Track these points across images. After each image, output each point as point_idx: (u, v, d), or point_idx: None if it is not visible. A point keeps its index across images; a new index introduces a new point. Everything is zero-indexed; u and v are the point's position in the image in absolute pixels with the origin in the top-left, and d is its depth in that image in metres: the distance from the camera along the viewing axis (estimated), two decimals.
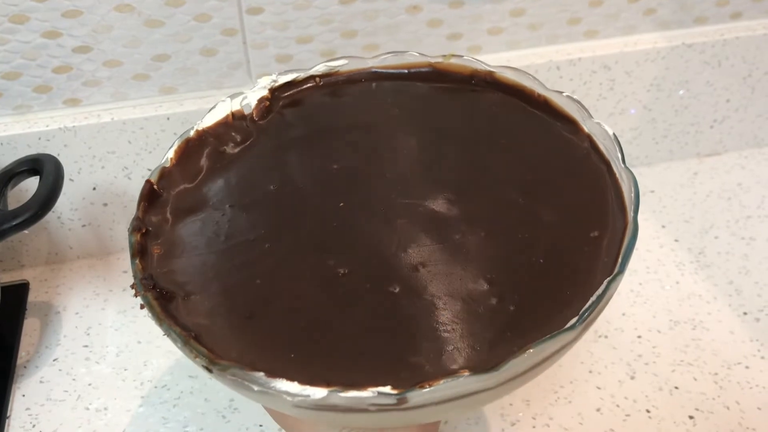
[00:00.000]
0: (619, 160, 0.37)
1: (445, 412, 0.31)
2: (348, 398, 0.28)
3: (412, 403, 0.28)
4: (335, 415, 0.29)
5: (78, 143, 0.54)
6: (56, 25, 0.51)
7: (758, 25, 0.64)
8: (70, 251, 0.59)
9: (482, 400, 0.31)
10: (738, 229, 0.61)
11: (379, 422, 0.31)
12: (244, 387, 0.29)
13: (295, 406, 0.29)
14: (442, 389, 0.28)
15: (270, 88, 0.44)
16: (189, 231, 0.37)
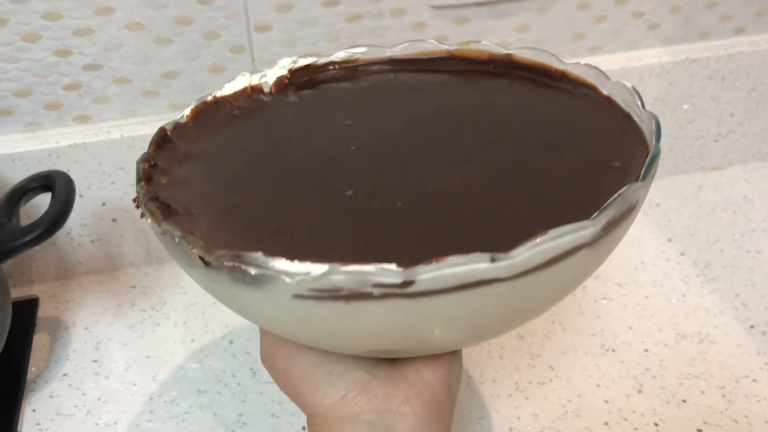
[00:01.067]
0: (639, 107, 0.37)
1: (455, 316, 0.29)
2: (350, 274, 0.26)
3: (419, 286, 0.26)
4: (336, 308, 0.28)
5: (88, 159, 0.55)
6: (67, 43, 0.52)
7: (762, 40, 0.64)
8: (79, 266, 0.60)
9: (494, 302, 0.28)
10: (743, 243, 0.62)
11: (385, 322, 0.28)
12: (242, 279, 0.28)
13: (294, 296, 0.27)
14: (451, 267, 0.26)
15: (289, 68, 0.44)
16: (196, 170, 0.37)
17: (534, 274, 0.28)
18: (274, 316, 0.30)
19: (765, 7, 0.63)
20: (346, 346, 0.32)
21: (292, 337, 0.33)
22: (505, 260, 0.26)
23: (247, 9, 0.53)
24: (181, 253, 0.30)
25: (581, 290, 0.57)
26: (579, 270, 0.30)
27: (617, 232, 0.30)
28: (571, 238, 0.27)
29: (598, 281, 0.58)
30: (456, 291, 0.27)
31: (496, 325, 0.32)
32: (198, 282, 0.32)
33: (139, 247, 0.60)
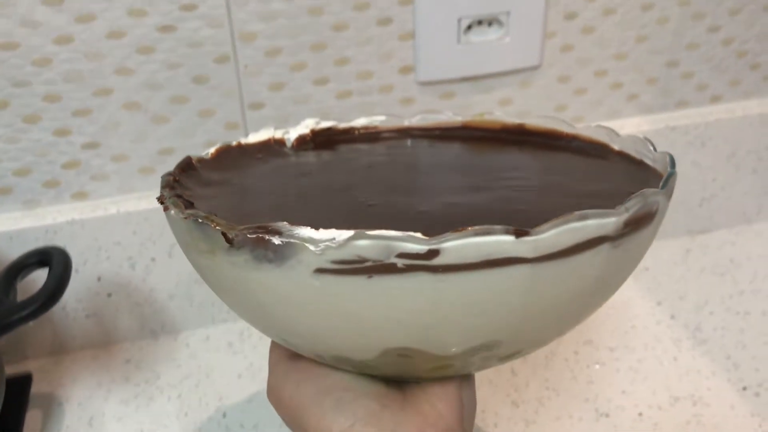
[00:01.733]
0: (651, 152, 0.38)
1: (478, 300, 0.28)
2: (376, 239, 0.26)
3: (444, 258, 0.26)
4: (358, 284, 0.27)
5: (84, 235, 0.56)
6: (67, 123, 0.53)
7: (737, 107, 0.67)
8: (73, 342, 0.60)
9: (516, 288, 0.28)
10: (732, 305, 0.62)
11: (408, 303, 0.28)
12: (263, 254, 0.28)
13: (316, 271, 0.27)
14: (477, 237, 0.26)
15: (312, 128, 0.47)
16: (219, 190, 0.38)
17: (557, 262, 0.28)
18: (292, 299, 0.29)
19: (738, 76, 0.66)
20: (363, 337, 0.30)
21: (309, 333, 0.32)
22: (531, 236, 0.27)
23: (241, 88, 0.55)
24: (203, 236, 0.30)
25: (573, 355, 0.57)
26: (601, 269, 0.30)
27: (636, 239, 0.30)
28: (594, 224, 0.28)
29: (590, 346, 0.58)
30: (480, 269, 0.27)
31: (515, 322, 0.30)
32: (216, 275, 0.32)
33: (133, 321, 0.60)
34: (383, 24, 0.56)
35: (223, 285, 0.32)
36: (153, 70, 0.53)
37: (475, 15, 0.57)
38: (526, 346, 0.34)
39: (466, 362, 0.33)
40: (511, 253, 0.27)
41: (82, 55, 0.51)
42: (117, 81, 0.53)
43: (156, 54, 0.53)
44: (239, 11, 0.52)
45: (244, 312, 0.34)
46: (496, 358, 0.33)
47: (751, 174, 0.69)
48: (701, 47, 0.64)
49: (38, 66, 0.51)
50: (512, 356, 0.34)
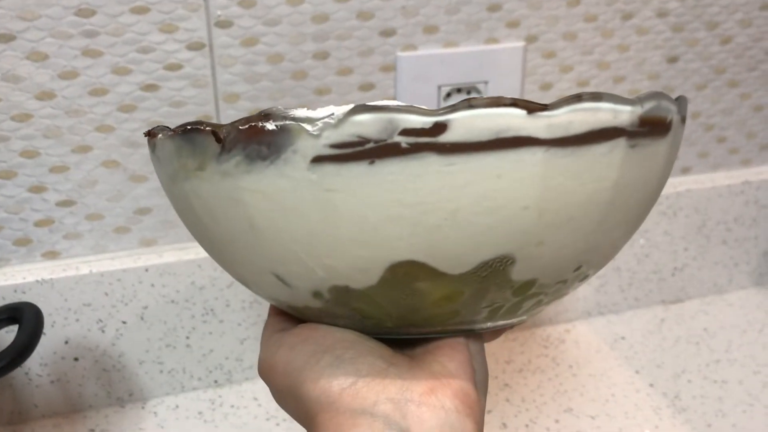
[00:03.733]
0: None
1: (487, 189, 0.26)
2: (377, 112, 0.24)
3: (451, 134, 0.24)
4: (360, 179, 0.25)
5: (54, 295, 0.54)
6: (42, 180, 0.52)
7: (706, 178, 0.69)
8: (35, 410, 0.57)
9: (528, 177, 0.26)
10: (709, 373, 0.62)
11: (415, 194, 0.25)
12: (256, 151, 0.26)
13: (313, 160, 0.25)
14: (488, 109, 0.24)
15: None
16: None
17: (571, 149, 0.26)
18: (287, 205, 0.27)
19: (706, 149, 0.68)
20: (365, 248, 0.27)
21: (303, 246, 0.28)
22: (544, 111, 0.25)
23: None
24: (192, 149, 0.28)
25: (554, 424, 0.56)
26: (617, 170, 0.28)
27: (651, 147, 0.29)
28: (608, 108, 0.26)
29: (571, 415, 0.57)
30: (490, 150, 0.25)
31: (528, 228, 0.27)
32: (201, 203, 0.29)
33: (99, 387, 0.58)
34: (365, 89, 0.57)
35: (210, 210, 0.29)
36: (134, 128, 0.53)
37: (454, 83, 0.58)
38: (542, 274, 0.30)
39: (476, 296, 0.29)
40: (524, 131, 0.25)
41: (63, 112, 0.51)
42: (96, 138, 0.52)
43: (137, 112, 0.52)
44: (224, 72, 0.53)
45: (232, 245, 0.30)
46: (509, 288, 0.29)
47: (722, 245, 0.71)
48: None
49: (18, 121, 0.50)
50: (527, 291, 0.30)
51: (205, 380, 0.60)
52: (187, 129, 0.28)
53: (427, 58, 0.57)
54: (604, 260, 0.32)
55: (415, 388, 0.28)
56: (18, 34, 0.48)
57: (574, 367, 0.62)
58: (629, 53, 0.62)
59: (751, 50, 0.65)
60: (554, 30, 0.59)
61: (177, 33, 0.51)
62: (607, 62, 0.62)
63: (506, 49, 0.58)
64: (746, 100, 0.67)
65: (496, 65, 0.58)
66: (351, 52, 0.55)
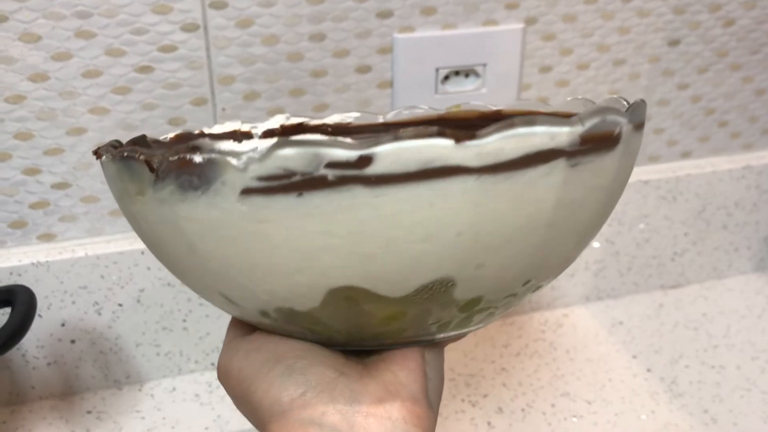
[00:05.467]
0: (624, 106, 0.34)
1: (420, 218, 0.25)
2: (301, 146, 0.24)
3: (378, 166, 0.24)
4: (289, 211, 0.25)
5: (50, 278, 0.54)
6: (37, 162, 0.52)
7: (706, 163, 0.68)
8: (32, 391, 0.57)
9: (461, 204, 0.25)
10: (707, 358, 0.62)
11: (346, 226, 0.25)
12: (187, 181, 0.26)
13: (243, 192, 0.25)
14: (413, 141, 0.23)
15: (282, 124, 0.44)
16: None
17: (505, 175, 0.25)
18: (221, 233, 0.27)
19: (707, 133, 0.68)
20: (301, 274, 0.27)
21: (242, 271, 0.28)
22: (472, 140, 0.24)
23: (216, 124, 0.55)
24: (130, 174, 0.28)
25: (551, 408, 0.56)
26: (559, 191, 0.27)
27: (597, 163, 0.28)
28: (543, 132, 0.25)
29: (567, 399, 0.57)
30: (419, 180, 0.24)
31: (466, 251, 0.27)
32: (146, 226, 0.29)
33: (96, 370, 0.58)
34: (362, 72, 0.56)
35: (155, 232, 0.30)
36: (128, 111, 0.52)
37: (452, 66, 0.58)
38: (487, 292, 0.29)
39: (421, 315, 0.29)
40: (453, 161, 0.24)
41: (57, 94, 0.51)
42: (91, 120, 0.52)
43: (132, 94, 0.52)
44: (219, 54, 0.52)
45: (180, 264, 0.30)
46: (455, 307, 0.29)
47: (722, 229, 0.70)
48: (671, 104, 0.65)
49: (11, 103, 0.50)
50: (474, 307, 0.30)
51: (202, 363, 0.60)
52: (123, 155, 0.28)
53: (425, 40, 0.56)
54: (556, 272, 0.32)
55: (363, 399, 0.29)
56: (10, 15, 0.48)
57: (572, 352, 0.62)
58: (630, 36, 0.61)
59: (754, 33, 0.64)
60: (554, 12, 0.58)
61: (171, 14, 0.50)
62: (607, 45, 0.61)
63: (505, 31, 0.58)
64: (748, 84, 0.67)
65: (495, 47, 0.58)
66: (347, 34, 0.54)
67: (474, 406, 0.57)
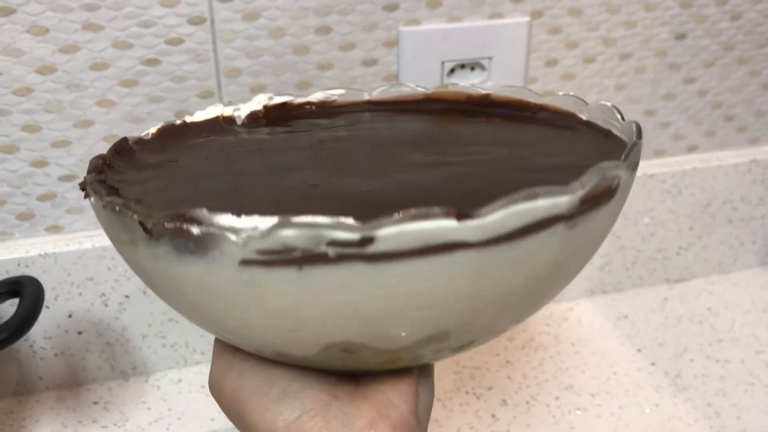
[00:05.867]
0: (619, 120, 0.36)
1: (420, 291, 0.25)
2: (302, 227, 0.23)
3: (379, 245, 0.24)
4: (287, 276, 0.25)
5: (57, 269, 0.55)
6: (45, 154, 0.53)
7: (712, 157, 0.68)
8: (39, 382, 0.58)
9: (464, 275, 0.25)
10: (712, 352, 0.62)
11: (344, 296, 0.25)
12: (183, 245, 0.25)
13: (241, 263, 0.25)
14: (415, 222, 0.23)
15: (265, 104, 0.44)
16: (154, 173, 0.36)
17: (506, 246, 0.25)
18: (219, 294, 0.27)
19: (713, 127, 0.68)
20: (300, 333, 0.28)
21: (244, 333, 0.29)
22: (475, 218, 0.24)
23: None
24: (122, 226, 0.27)
25: (555, 401, 0.56)
26: (557, 251, 0.27)
27: (595, 217, 0.28)
28: (546, 204, 0.25)
29: (571, 392, 0.57)
30: (420, 256, 0.24)
31: (464, 313, 0.27)
32: (140, 270, 0.29)
33: (103, 361, 0.58)
34: (368, 65, 0.56)
35: (150, 278, 0.29)
36: (135, 103, 0.53)
37: (458, 59, 0.58)
38: (480, 336, 0.30)
39: (416, 355, 0.30)
40: (454, 238, 0.24)
41: (64, 86, 0.51)
42: (98, 113, 0.52)
43: (139, 87, 0.52)
44: (225, 47, 0.53)
45: (175, 306, 0.31)
46: (447, 349, 0.30)
47: (727, 224, 0.70)
48: (677, 98, 0.65)
49: (19, 95, 0.50)
50: (466, 347, 0.31)
51: (208, 355, 0.61)
52: (114, 210, 0.28)
53: (431, 33, 0.56)
54: (542, 306, 0.33)
55: (356, 422, 0.29)
56: (18, 8, 0.48)
57: (576, 345, 0.62)
58: (636, 29, 0.61)
59: (762, 26, 0.64)
60: (560, 5, 0.58)
61: (178, 7, 0.51)
62: (614, 39, 0.61)
63: (511, 25, 0.58)
64: (755, 78, 0.67)
65: (501, 41, 0.58)
66: (353, 27, 0.55)
67: (478, 399, 0.57)
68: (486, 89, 0.43)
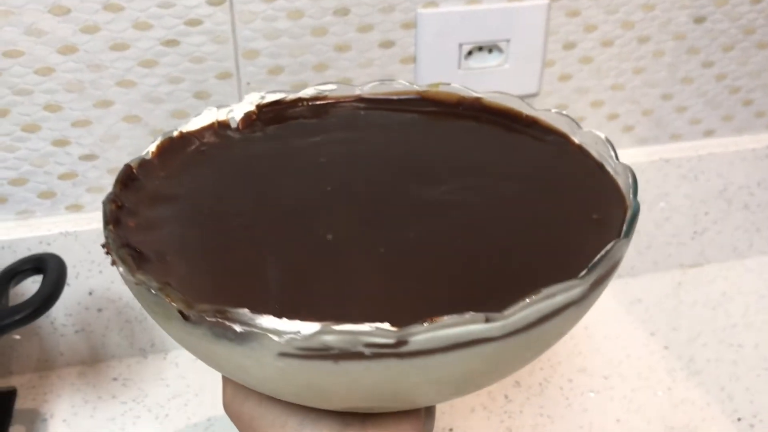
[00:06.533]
0: (613, 158, 0.37)
1: (447, 375, 0.28)
2: (342, 334, 0.26)
3: (412, 346, 0.26)
4: (324, 367, 0.27)
5: (78, 248, 0.55)
6: (66, 134, 0.53)
7: (729, 142, 0.68)
8: (60, 358, 0.59)
9: (490, 363, 0.29)
10: (725, 337, 0.62)
11: (373, 381, 0.28)
12: (225, 336, 0.27)
13: (280, 354, 0.26)
14: (446, 327, 0.26)
15: (257, 104, 0.44)
16: (165, 211, 0.36)
17: (524, 333, 0.28)
18: (255, 373, 0.29)
19: (731, 112, 0.67)
20: (328, 403, 0.30)
21: (272, 394, 0.31)
22: (500, 320, 0.27)
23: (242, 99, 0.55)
24: (158, 305, 0.28)
25: (568, 383, 0.57)
26: (565, 326, 0.30)
27: (602, 288, 0.31)
28: (561, 298, 0.28)
29: (585, 375, 0.58)
30: (447, 351, 0.27)
31: (482, 381, 0.31)
32: (173, 336, 0.30)
33: (122, 338, 0.59)
34: (385, 47, 0.56)
35: (181, 342, 0.31)
36: (155, 84, 0.53)
37: (476, 41, 0.58)
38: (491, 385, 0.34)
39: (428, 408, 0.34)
40: (480, 336, 0.27)
41: (85, 66, 0.51)
42: (118, 93, 0.53)
43: (158, 68, 0.53)
44: (244, 28, 0.53)
45: (205, 362, 0.32)
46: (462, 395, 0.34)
47: (743, 209, 0.70)
48: (695, 82, 0.65)
49: (40, 75, 0.51)
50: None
51: None
52: (150, 291, 0.28)
53: (449, 15, 0.56)
54: None
55: None
56: None
57: (590, 328, 0.63)
58: (655, 13, 0.61)
59: None
60: None
61: None
62: (632, 22, 0.61)
63: (529, 7, 0.58)
64: None
65: (519, 23, 0.58)
66: (371, 9, 0.55)
67: None
68: (478, 93, 0.44)
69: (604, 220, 0.34)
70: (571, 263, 0.29)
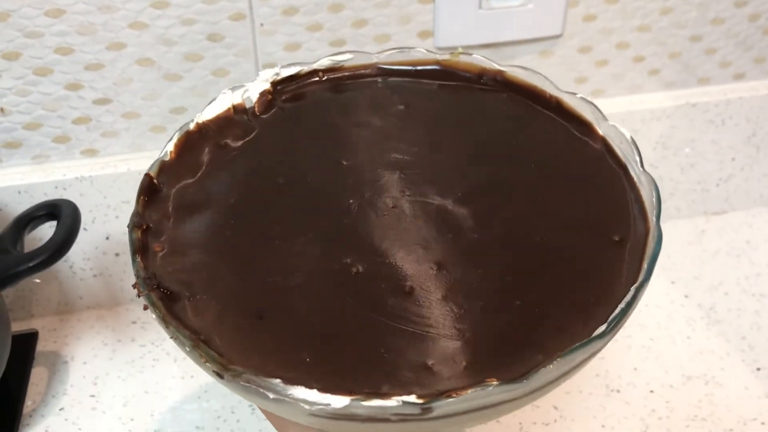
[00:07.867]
0: (637, 164, 0.36)
1: (465, 422, 0.30)
2: (370, 407, 0.27)
3: (436, 413, 0.27)
4: (352, 425, 0.28)
5: (94, 193, 0.55)
6: (78, 77, 0.52)
7: (761, 85, 0.65)
8: (79, 301, 0.60)
9: (505, 409, 0.30)
10: (748, 286, 0.61)
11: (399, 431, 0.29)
12: (258, 394, 0.28)
13: (311, 414, 0.28)
14: (469, 399, 0.27)
15: (272, 81, 0.42)
16: (192, 228, 0.35)
17: (546, 387, 0.29)
18: (289, 417, 0.31)
19: (763, 54, 0.65)
20: None
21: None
22: (520, 388, 0.28)
23: (256, 47, 0.54)
24: (189, 353, 0.30)
25: None
26: (576, 374, 0.32)
27: (619, 328, 0.31)
28: (582, 353, 0.29)
29: None
30: (467, 413, 0.28)
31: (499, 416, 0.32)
32: None
33: None
34: (403, 22, 0.54)
35: None
36: (167, 26, 0.52)
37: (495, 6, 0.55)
38: None
39: None
40: (501, 399, 0.28)
41: (96, 8, 0.50)
42: (130, 35, 0.52)
43: (171, 9, 0.51)
44: (261, 5, 0.51)
45: None
46: None
47: None
48: (726, 22, 0.62)
49: (51, 17, 0.50)
50: None
51: None
52: (185, 348, 0.30)
53: None
54: None
55: None
56: None
57: None
58: None
59: None
60: None
61: None
62: None
63: None
64: None
65: None
66: None
67: None
68: (500, 65, 0.42)
69: (624, 242, 0.34)
70: (592, 299, 0.32)
